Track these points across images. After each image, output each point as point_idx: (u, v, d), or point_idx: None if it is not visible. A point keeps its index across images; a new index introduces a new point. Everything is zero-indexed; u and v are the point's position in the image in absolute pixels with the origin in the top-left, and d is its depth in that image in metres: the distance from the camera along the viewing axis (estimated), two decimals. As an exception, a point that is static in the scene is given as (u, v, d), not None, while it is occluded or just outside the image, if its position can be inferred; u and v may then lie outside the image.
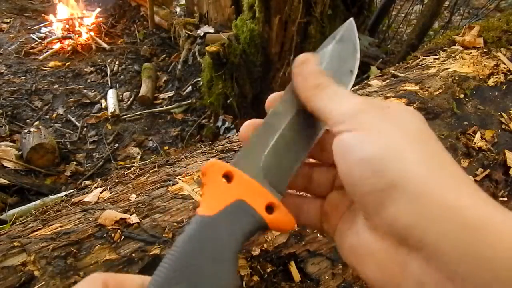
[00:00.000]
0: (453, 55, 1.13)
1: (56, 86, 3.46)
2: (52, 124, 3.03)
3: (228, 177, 0.33)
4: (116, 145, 2.89)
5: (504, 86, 1.04)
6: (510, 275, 0.21)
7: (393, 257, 0.27)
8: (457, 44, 1.20)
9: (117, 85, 3.58)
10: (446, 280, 0.23)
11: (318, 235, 0.66)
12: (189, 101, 3.26)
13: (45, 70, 3.63)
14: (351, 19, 0.40)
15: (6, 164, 2.44)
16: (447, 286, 0.23)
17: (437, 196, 0.25)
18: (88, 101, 3.34)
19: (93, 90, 3.47)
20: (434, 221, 0.24)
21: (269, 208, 0.32)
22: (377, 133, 0.28)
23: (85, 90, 3.45)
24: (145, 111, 3.21)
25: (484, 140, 0.90)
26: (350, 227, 0.32)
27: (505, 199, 0.84)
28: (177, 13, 4.25)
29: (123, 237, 0.59)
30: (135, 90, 3.48)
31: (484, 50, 1.15)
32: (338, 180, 0.36)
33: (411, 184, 0.25)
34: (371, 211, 0.28)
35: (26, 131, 2.63)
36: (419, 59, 1.19)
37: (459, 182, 0.26)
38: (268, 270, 0.60)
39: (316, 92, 0.33)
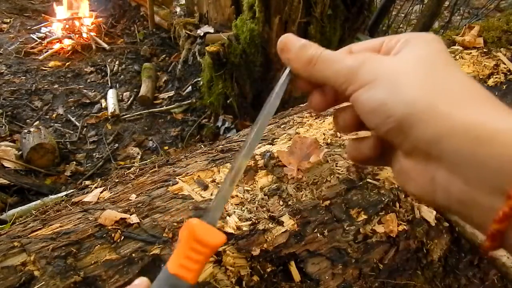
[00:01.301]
0: (453, 55, 1.13)
1: (56, 86, 3.46)
2: (52, 124, 3.03)
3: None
4: (116, 145, 2.89)
5: (504, 86, 1.04)
6: None
7: (423, 172, 0.31)
8: (457, 44, 1.20)
9: (117, 85, 3.58)
10: (467, 186, 0.27)
11: (318, 235, 0.66)
12: (189, 101, 3.26)
13: (45, 70, 3.63)
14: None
15: (6, 164, 2.44)
16: (468, 191, 0.27)
17: (446, 115, 0.28)
18: (88, 101, 3.34)
19: (93, 90, 3.47)
20: (447, 137, 0.27)
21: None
22: (377, 81, 0.31)
23: (85, 90, 3.45)
24: (145, 111, 3.21)
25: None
26: (394, 156, 0.36)
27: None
28: (177, 13, 4.25)
29: (123, 237, 0.59)
30: (135, 90, 3.48)
31: (484, 50, 1.15)
32: None
33: (418, 113, 0.29)
34: (397, 143, 0.32)
35: (26, 131, 2.63)
36: (419, 59, 1.19)
37: (471, 98, 0.29)
38: (268, 270, 0.60)
39: (312, 67, 0.35)
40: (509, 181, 0.25)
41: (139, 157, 2.76)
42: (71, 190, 1.04)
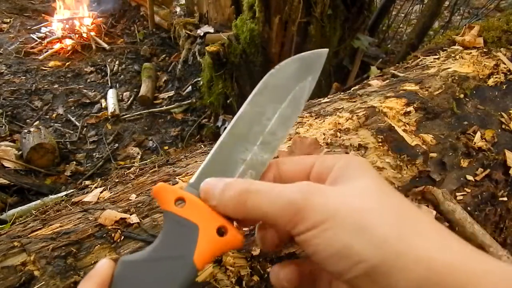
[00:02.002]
0: (453, 55, 1.13)
1: (56, 86, 3.46)
2: (52, 124, 3.03)
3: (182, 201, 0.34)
4: (116, 145, 2.89)
5: (504, 86, 1.04)
6: None
7: None
8: (457, 44, 1.20)
9: (117, 85, 3.58)
10: None
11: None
12: (189, 101, 3.26)
13: (45, 70, 3.63)
14: None
15: (6, 164, 2.44)
16: None
17: (418, 260, 0.25)
18: (88, 101, 3.34)
19: (93, 90, 3.47)
20: (427, 285, 0.24)
21: (221, 231, 0.33)
22: (333, 221, 0.27)
23: (85, 90, 3.45)
24: (145, 111, 3.21)
25: (484, 140, 0.90)
26: None
27: (505, 199, 0.84)
28: (177, 13, 4.25)
29: (123, 237, 0.59)
30: (135, 90, 3.48)
31: (484, 50, 1.15)
32: None
33: (392, 257, 0.25)
34: None
35: (26, 131, 2.63)
36: (419, 59, 1.19)
37: (431, 233, 0.26)
38: (268, 270, 0.60)
39: (244, 205, 0.31)
40: None
41: (139, 157, 2.76)
42: (71, 190, 1.04)
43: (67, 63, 3.76)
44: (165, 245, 0.32)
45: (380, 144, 0.80)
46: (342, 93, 1.09)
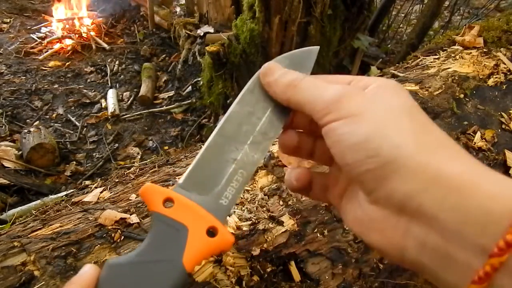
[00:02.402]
0: (453, 55, 1.13)
1: (56, 86, 3.46)
2: (52, 124, 3.03)
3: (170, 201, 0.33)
4: (116, 145, 2.89)
5: (504, 86, 1.04)
6: (494, 231, 0.23)
7: (395, 224, 0.28)
8: (457, 44, 1.20)
9: (117, 85, 3.58)
10: (445, 241, 0.25)
11: (318, 235, 0.66)
12: (189, 101, 3.26)
13: (45, 70, 3.63)
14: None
15: (6, 164, 2.44)
16: (445, 246, 0.25)
17: (428, 166, 0.26)
18: (88, 101, 3.34)
19: (93, 90, 3.47)
20: (428, 190, 0.26)
21: (210, 232, 0.33)
22: (362, 117, 0.29)
23: (85, 90, 3.45)
24: (145, 111, 3.21)
25: (484, 140, 0.90)
26: (352, 200, 0.33)
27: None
28: (177, 13, 4.25)
29: (123, 237, 0.59)
30: (135, 90, 3.48)
31: (484, 50, 1.15)
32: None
33: (403, 158, 0.27)
34: (369, 188, 0.29)
35: (26, 131, 2.63)
36: (419, 59, 1.19)
37: (447, 149, 0.28)
38: (268, 270, 0.60)
39: (292, 89, 0.34)
40: (492, 238, 0.23)
41: (139, 157, 2.76)
42: (71, 190, 1.04)
43: (67, 63, 3.76)
44: (153, 247, 0.31)
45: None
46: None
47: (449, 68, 1.07)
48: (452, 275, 0.26)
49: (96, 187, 0.80)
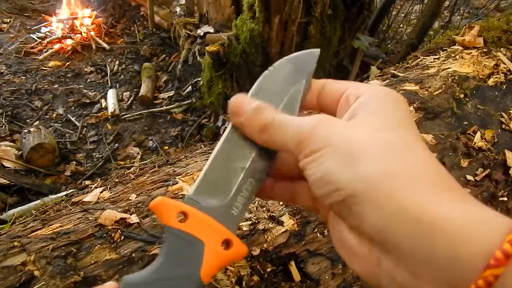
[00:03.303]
0: (453, 55, 1.13)
1: (56, 86, 3.46)
2: (52, 124, 3.03)
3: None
4: (116, 145, 2.89)
5: (504, 86, 1.04)
6: (472, 276, 0.22)
7: (369, 254, 0.28)
8: (457, 44, 1.20)
9: (117, 85, 3.58)
10: (414, 279, 0.24)
11: (318, 235, 0.66)
12: (189, 101, 3.26)
13: (45, 70, 3.63)
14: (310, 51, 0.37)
15: (6, 164, 2.44)
16: (414, 284, 0.24)
17: (392, 198, 0.25)
18: (88, 101, 3.34)
19: (93, 90, 3.47)
20: (392, 225, 0.25)
21: (226, 244, 0.32)
22: (326, 150, 0.28)
23: (85, 90, 3.45)
24: (145, 111, 3.21)
25: (484, 140, 0.90)
26: (338, 222, 0.33)
27: (505, 199, 0.84)
28: (177, 13, 4.25)
29: (123, 237, 0.59)
30: (135, 90, 3.48)
31: (484, 50, 1.15)
32: None
33: (364, 190, 0.26)
34: (342, 217, 0.29)
35: (26, 131, 2.63)
36: (419, 59, 1.19)
37: (417, 178, 0.26)
38: (268, 270, 0.60)
39: (266, 133, 0.32)
40: (461, 277, 0.22)
41: (139, 157, 2.76)
42: (71, 190, 1.04)
43: (67, 63, 3.76)
44: (170, 264, 0.31)
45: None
46: (342, 93, 1.09)
47: (449, 68, 1.07)
48: None
49: (96, 187, 0.80)
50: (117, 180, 0.81)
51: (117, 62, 3.84)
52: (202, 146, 1.00)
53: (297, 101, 0.36)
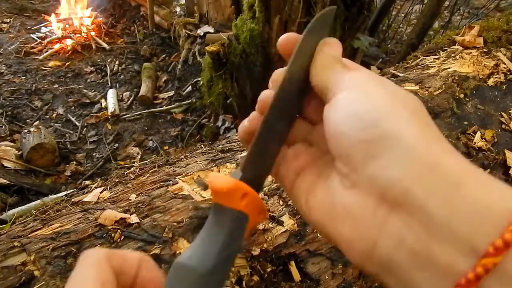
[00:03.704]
0: (453, 55, 1.13)
1: (56, 86, 3.46)
2: (52, 124, 3.03)
3: None
4: (116, 145, 2.89)
5: (504, 86, 1.04)
6: (489, 230, 0.21)
7: (371, 214, 0.26)
8: (457, 44, 1.20)
9: (117, 85, 3.57)
10: (429, 236, 0.23)
11: (318, 235, 0.66)
12: (189, 101, 3.26)
13: (45, 70, 3.63)
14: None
15: (6, 164, 2.44)
16: (429, 242, 0.23)
17: (425, 153, 0.25)
18: (88, 101, 3.34)
19: (93, 90, 3.47)
20: (421, 176, 0.24)
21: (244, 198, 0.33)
22: (370, 90, 0.28)
23: (85, 90, 3.45)
24: (145, 111, 3.21)
25: (484, 140, 0.90)
26: (319, 183, 0.32)
27: (505, 199, 0.84)
28: (177, 13, 4.25)
29: (123, 237, 0.59)
30: (135, 90, 3.48)
31: (484, 50, 1.15)
32: (310, 136, 0.36)
33: (403, 138, 0.25)
34: (354, 164, 0.27)
35: (26, 131, 2.63)
36: (419, 59, 1.19)
37: (444, 142, 0.27)
38: (268, 270, 0.60)
39: (324, 72, 0.33)
40: (486, 237, 0.21)
41: (139, 157, 2.76)
42: (71, 190, 1.04)
43: (67, 63, 3.76)
44: (225, 245, 0.31)
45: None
46: (342, 93, 1.09)
47: (449, 68, 1.07)
48: (429, 278, 0.23)
49: (96, 187, 0.80)
50: (117, 180, 0.81)
51: (117, 62, 3.84)
52: (202, 146, 1.00)
53: None
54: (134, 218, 0.62)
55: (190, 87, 3.38)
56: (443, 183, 0.23)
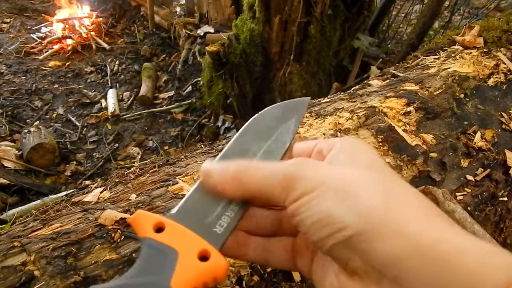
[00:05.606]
0: (453, 55, 1.13)
1: (56, 86, 3.46)
2: (52, 124, 3.03)
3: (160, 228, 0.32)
4: (116, 145, 2.89)
5: (504, 86, 1.04)
6: None
7: None
8: (457, 44, 1.20)
9: (117, 85, 3.58)
10: None
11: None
12: (189, 101, 3.26)
13: (45, 70, 3.63)
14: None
15: (6, 164, 2.44)
16: None
17: (403, 231, 0.25)
18: (88, 101, 3.34)
19: (93, 90, 3.47)
20: (407, 256, 0.24)
21: (203, 256, 0.31)
22: (320, 191, 0.28)
23: (85, 90, 3.45)
24: (145, 111, 3.21)
25: (484, 140, 0.90)
26: (327, 270, 0.31)
27: (505, 199, 0.84)
28: (177, 13, 4.25)
29: (123, 237, 0.59)
30: (135, 90, 3.48)
31: (484, 50, 1.15)
32: None
33: (373, 226, 0.25)
34: (343, 260, 0.28)
35: (26, 131, 2.63)
36: (419, 59, 1.19)
37: (420, 208, 0.26)
38: (268, 270, 0.60)
39: (240, 180, 0.31)
40: None
41: (139, 157, 2.76)
42: (71, 190, 1.04)
43: (67, 63, 3.76)
44: (140, 271, 0.29)
45: (380, 144, 0.80)
46: (342, 93, 1.09)
47: (449, 68, 1.07)
48: None
49: (96, 187, 0.80)
50: (117, 180, 0.81)
51: (117, 62, 3.84)
52: (202, 146, 1.00)
53: (288, 137, 0.37)
54: (134, 218, 0.62)
55: (190, 87, 3.38)
56: (428, 263, 0.24)
